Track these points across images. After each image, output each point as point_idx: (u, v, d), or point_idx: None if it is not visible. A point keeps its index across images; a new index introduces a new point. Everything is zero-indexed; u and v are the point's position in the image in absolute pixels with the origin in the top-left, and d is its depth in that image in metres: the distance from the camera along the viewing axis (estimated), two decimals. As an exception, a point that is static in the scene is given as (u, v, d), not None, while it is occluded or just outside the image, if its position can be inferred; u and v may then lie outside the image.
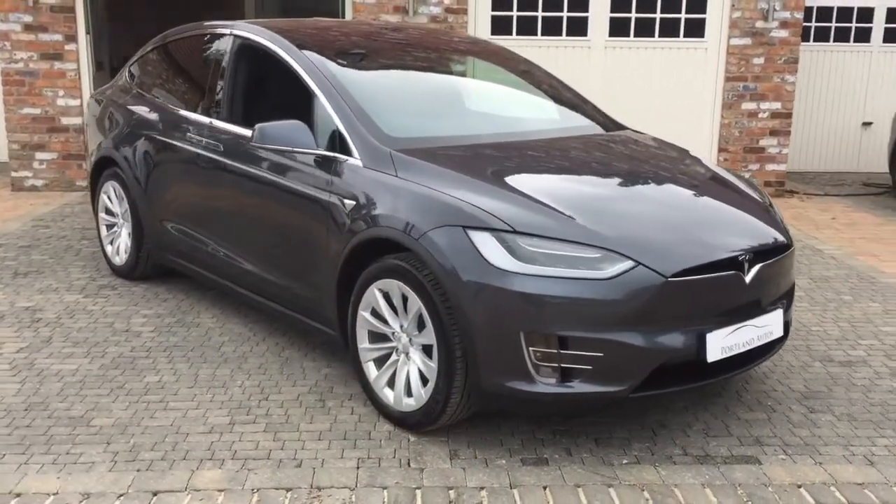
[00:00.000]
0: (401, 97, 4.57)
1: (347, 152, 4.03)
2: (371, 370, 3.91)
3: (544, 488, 3.31)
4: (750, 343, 3.61)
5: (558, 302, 3.29)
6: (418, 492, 3.27)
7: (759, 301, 3.69)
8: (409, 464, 3.50)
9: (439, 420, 3.61)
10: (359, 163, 3.98)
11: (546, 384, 3.36)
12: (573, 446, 3.66)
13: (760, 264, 3.63)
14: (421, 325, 3.63)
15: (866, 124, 11.28)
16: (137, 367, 4.45)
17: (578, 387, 3.36)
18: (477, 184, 3.68)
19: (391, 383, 3.82)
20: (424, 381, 3.65)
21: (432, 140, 4.13)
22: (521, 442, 3.69)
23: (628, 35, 9.16)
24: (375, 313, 3.84)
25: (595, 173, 4.14)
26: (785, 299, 3.90)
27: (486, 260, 3.36)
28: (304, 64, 4.41)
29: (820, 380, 4.41)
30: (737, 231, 3.67)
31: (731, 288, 3.54)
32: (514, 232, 3.38)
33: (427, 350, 3.63)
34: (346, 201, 3.92)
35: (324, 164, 4.11)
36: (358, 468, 3.45)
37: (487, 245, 3.38)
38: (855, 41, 11.04)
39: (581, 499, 3.24)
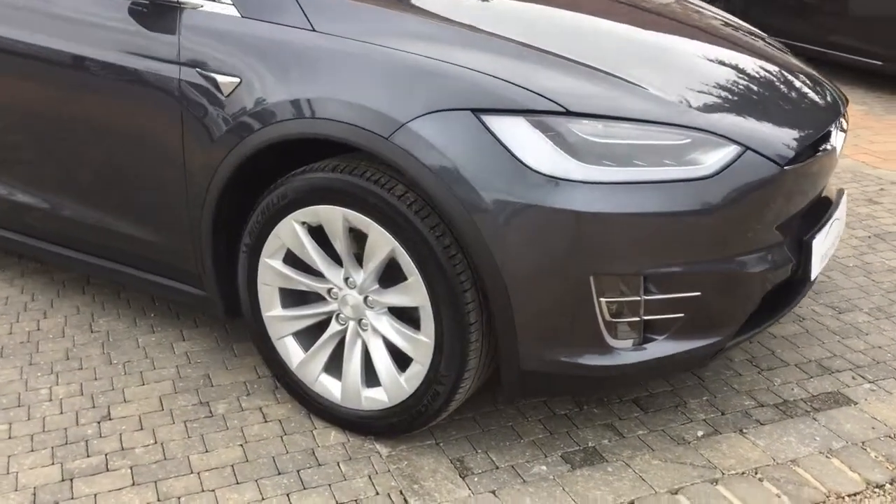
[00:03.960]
0: None
1: (203, -8, 2.38)
2: (291, 350, 2.44)
3: (632, 505, 2.16)
4: (834, 244, 2.61)
5: (645, 221, 2.04)
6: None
7: (829, 184, 2.69)
8: (405, 500, 2.16)
9: (434, 419, 2.29)
10: (231, 11, 2.35)
11: (623, 350, 2.14)
12: (616, 420, 2.51)
13: (841, 133, 2.60)
14: (389, 276, 2.22)
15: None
16: None
17: (663, 347, 2.18)
18: (477, 38, 2.24)
19: (333, 369, 2.40)
20: (402, 362, 2.27)
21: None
22: (542, 425, 2.47)
23: None
24: (294, 260, 2.36)
25: (620, 27, 2.77)
26: (830, 176, 2.93)
27: (522, 163, 2.00)
28: None
29: (809, 266, 3.57)
30: (813, 94, 2.58)
31: (825, 171, 2.49)
32: (567, 114, 2.03)
33: (401, 313, 2.26)
34: (222, 80, 2.31)
35: (155, 16, 2.42)
36: (333, 529, 2.06)
37: (524, 138, 2.01)
38: None
39: (696, 515, 2.13)
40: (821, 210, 2.56)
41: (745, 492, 2.21)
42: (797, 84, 2.58)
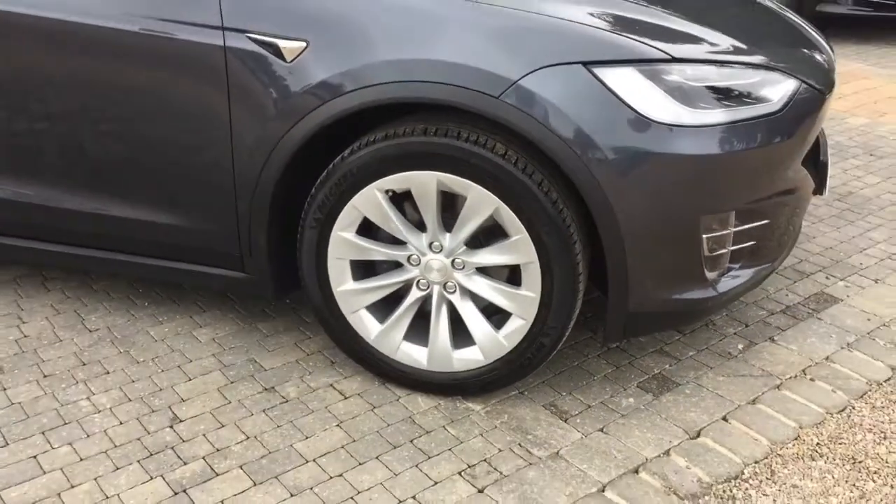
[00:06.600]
0: None
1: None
2: (367, 323, 2.38)
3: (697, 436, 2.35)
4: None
5: (742, 160, 2.18)
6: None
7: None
8: (528, 451, 2.21)
9: (535, 370, 2.34)
10: (282, -32, 2.18)
11: (715, 282, 2.30)
12: (664, 346, 2.69)
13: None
14: (484, 237, 2.23)
15: None
16: None
17: (741, 274, 2.38)
18: None
19: (413, 336, 2.37)
20: (498, 319, 2.29)
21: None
22: (604, 360, 2.60)
23: None
24: (369, 230, 2.28)
25: None
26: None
27: (637, 112, 2.06)
28: None
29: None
30: (817, 36, 2.79)
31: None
32: (673, 60, 2.10)
33: (489, 273, 2.27)
34: (285, 45, 2.14)
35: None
36: (481, 492, 2.08)
37: (636, 88, 2.06)
38: None
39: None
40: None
41: (807, 392, 2.46)
42: (806, 30, 2.77)
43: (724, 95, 2.16)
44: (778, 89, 2.25)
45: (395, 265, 2.33)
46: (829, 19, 6.47)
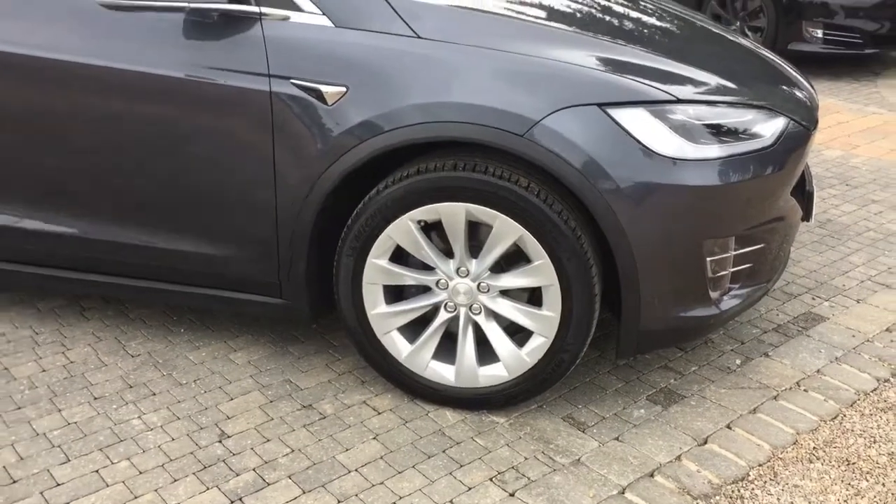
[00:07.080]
0: None
1: (286, 2, 2.40)
2: (399, 343, 2.57)
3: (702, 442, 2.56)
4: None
5: (739, 190, 2.42)
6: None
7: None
8: (551, 458, 2.41)
9: (554, 384, 2.54)
10: (323, 22, 2.40)
11: (718, 300, 2.52)
12: (667, 362, 2.90)
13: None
14: (506, 262, 2.44)
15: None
16: None
17: (740, 293, 2.60)
18: (577, 38, 2.47)
19: (444, 354, 2.56)
20: (520, 337, 2.50)
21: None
22: (614, 376, 2.81)
23: None
24: (400, 257, 2.49)
25: (644, 30, 2.96)
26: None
27: (647, 148, 2.29)
28: None
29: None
30: (799, 76, 3.04)
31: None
32: (678, 101, 2.34)
33: (512, 295, 2.48)
34: (327, 90, 2.36)
35: (227, 28, 2.42)
36: (512, 496, 2.27)
37: (646, 126, 2.29)
38: None
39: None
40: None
41: (802, 402, 2.68)
42: (787, 69, 3.03)
43: (723, 132, 2.40)
44: (769, 126, 2.50)
45: (425, 289, 2.53)
46: (801, 57, 6.80)
